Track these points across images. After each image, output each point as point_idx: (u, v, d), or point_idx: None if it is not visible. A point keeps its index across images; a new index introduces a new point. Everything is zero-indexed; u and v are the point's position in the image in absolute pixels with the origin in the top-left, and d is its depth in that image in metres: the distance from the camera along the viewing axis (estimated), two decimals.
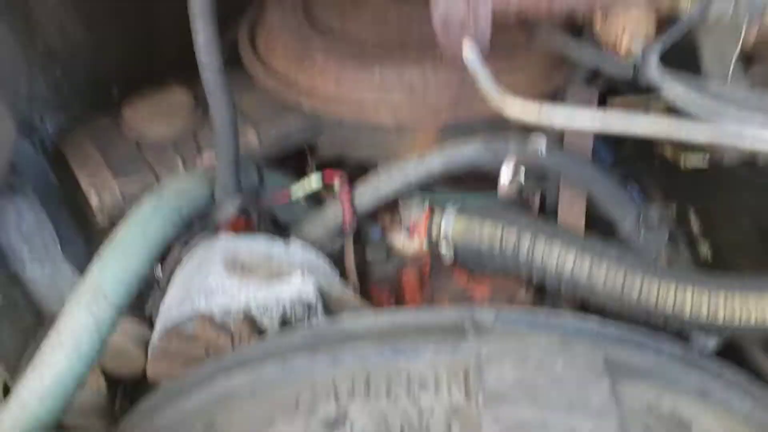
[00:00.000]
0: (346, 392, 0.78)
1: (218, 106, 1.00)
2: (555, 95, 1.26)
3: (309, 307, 1.04)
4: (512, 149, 1.09)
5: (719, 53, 0.77)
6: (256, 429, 0.79)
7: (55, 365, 0.92)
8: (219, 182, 1.12)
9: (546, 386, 0.73)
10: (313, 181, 1.21)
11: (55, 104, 1.33)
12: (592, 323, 0.83)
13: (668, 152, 2.12)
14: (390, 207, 1.38)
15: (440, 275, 1.36)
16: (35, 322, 1.49)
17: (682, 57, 0.89)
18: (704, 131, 0.68)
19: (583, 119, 0.72)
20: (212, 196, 1.14)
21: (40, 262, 1.40)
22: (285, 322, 1.04)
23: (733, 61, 0.74)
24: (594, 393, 0.73)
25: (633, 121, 0.72)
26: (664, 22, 0.81)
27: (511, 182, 0.88)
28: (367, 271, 1.33)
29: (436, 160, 1.17)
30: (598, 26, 0.85)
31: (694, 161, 2.09)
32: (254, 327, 1.06)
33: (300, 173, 1.42)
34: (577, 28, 1.08)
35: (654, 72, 0.75)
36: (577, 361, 0.76)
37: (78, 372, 0.92)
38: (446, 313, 0.84)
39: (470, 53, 0.83)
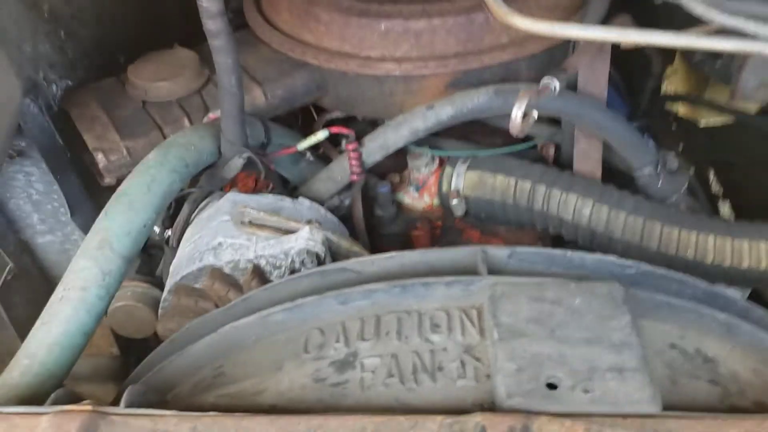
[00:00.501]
0: (356, 334, 0.76)
1: (221, 54, 0.98)
2: (565, 46, 1.22)
3: (318, 259, 1.02)
4: (524, 88, 1.06)
5: None
6: (264, 373, 0.77)
7: (63, 316, 0.91)
8: (224, 136, 1.09)
9: (564, 321, 0.71)
10: (319, 134, 1.19)
11: (60, 66, 1.31)
12: (612, 260, 0.80)
13: (685, 111, 2.08)
14: (399, 165, 1.36)
15: (451, 231, 1.33)
16: (47, 289, 1.49)
17: None
18: (717, 42, 0.65)
19: (598, 31, 0.69)
20: (218, 150, 1.12)
21: (50, 229, 1.40)
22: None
23: None
24: (615, 327, 0.70)
25: (649, 34, 0.69)
26: None
27: (523, 121, 0.85)
28: (377, 228, 1.31)
29: (445, 108, 1.14)
30: None
31: (712, 120, 2.05)
32: (264, 280, 1.04)
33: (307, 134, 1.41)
34: None
35: None
36: (596, 297, 0.72)
37: (85, 323, 0.91)
38: (458, 252, 0.81)
39: None
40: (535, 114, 0.90)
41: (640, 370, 0.66)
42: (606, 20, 1.16)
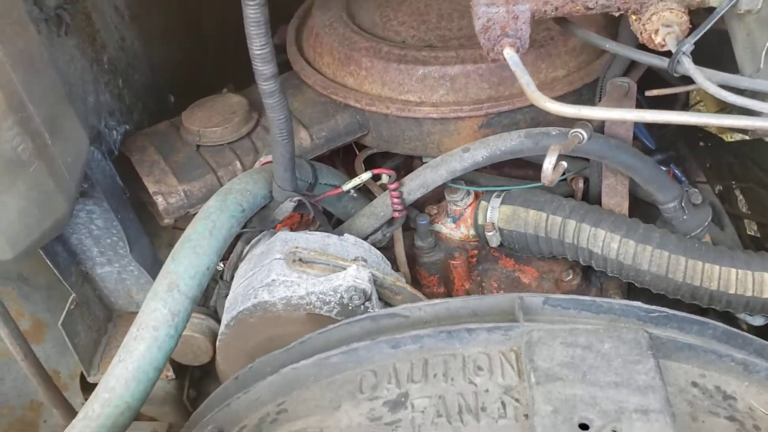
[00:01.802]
0: (406, 376, 0.84)
1: (274, 111, 1.06)
2: (594, 84, 1.30)
3: (365, 295, 1.10)
4: (554, 138, 1.14)
5: (750, 45, 0.81)
6: (324, 411, 0.85)
7: (137, 354, 1.00)
8: (276, 182, 1.18)
9: (594, 365, 0.78)
10: (363, 176, 1.28)
11: (119, 113, 1.42)
12: (637, 306, 0.87)
13: (714, 130, 2.13)
14: (436, 198, 1.44)
15: (487, 260, 1.41)
16: (106, 317, 1.60)
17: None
18: (726, 120, 0.73)
19: (618, 113, 0.77)
20: (270, 194, 1.21)
21: (108, 261, 1.50)
22: (343, 310, 1.10)
23: (764, 52, 0.77)
24: (640, 371, 0.77)
25: (659, 114, 0.76)
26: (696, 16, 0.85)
27: (554, 170, 0.93)
28: (417, 257, 1.39)
29: (480, 151, 1.22)
30: (633, 21, 0.89)
31: (737, 135, 2.09)
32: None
33: (349, 166, 1.49)
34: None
35: (687, 64, 0.79)
36: (623, 341, 0.80)
37: (157, 359, 1.01)
38: (497, 299, 0.89)
39: (511, 56, 0.88)
40: (564, 164, 0.97)
41: (663, 412, 0.74)
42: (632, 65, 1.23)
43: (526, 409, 0.77)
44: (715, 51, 0.98)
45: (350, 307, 1.11)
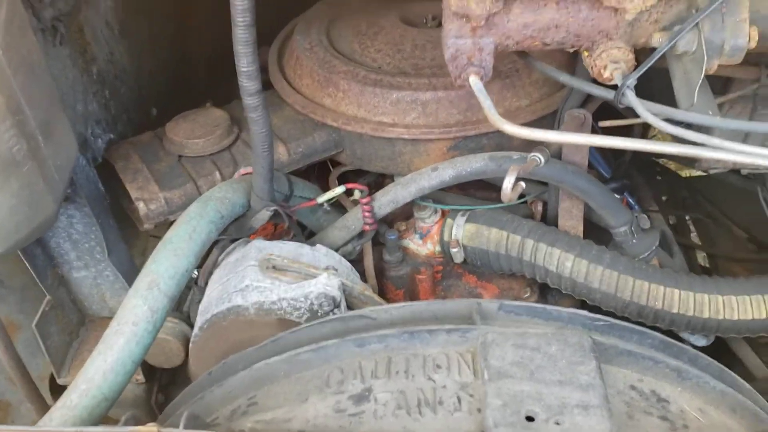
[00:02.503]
0: (370, 372, 0.91)
1: (257, 125, 1.13)
2: (554, 114, 1.39)
3: (334, 302, 1.17)
4: (515, 161, 1.23)
5: (686, 82, 0.91)
6: (292, 403, 0.91)
7: (117, 347, 1.05)
8: (255, 192, 1.25)
9: (541, 365, 0.86)
10: (337, 190, 1.35)
11: (105, 122, 1.48)
12: (583, 314, 0.95)
13: (672, 165, 2.26)
14: (405, 214, 1.52)
15: (451, 276, 1.49)
16: (79, 321, 1.64)
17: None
18: (663, 147, 0.83)
19: (571, 137, 0.87)
20: (248, 203, 1.28)
21: (85, 265, 1.54)
22: (312, 317, 1.17)
23: (697, 88, 0.87)
24: (582, 371, 0.86)
25: (608, 140, 0.86)
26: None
27: (513, 189, 1.01)
28: (384, 271, 1.46)
29: (447, 170, 1.30)
30: (585, 57, 0.99)
31: (694, 172, 2.22)
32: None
33: (323, 182, 1.57)
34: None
35: (631, 97, 0.89)
36: (568, 344, 0.88)
37: (135, 353, 1.06)
38: (456, 304, 0.97)
39: (476, 83, 0.97)
40: (522, 184, 1.06)
41: (602, 407, 0.82)
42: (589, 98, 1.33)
43: (480, 404, 0.85)
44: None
45: (319, 314, 1.17)
